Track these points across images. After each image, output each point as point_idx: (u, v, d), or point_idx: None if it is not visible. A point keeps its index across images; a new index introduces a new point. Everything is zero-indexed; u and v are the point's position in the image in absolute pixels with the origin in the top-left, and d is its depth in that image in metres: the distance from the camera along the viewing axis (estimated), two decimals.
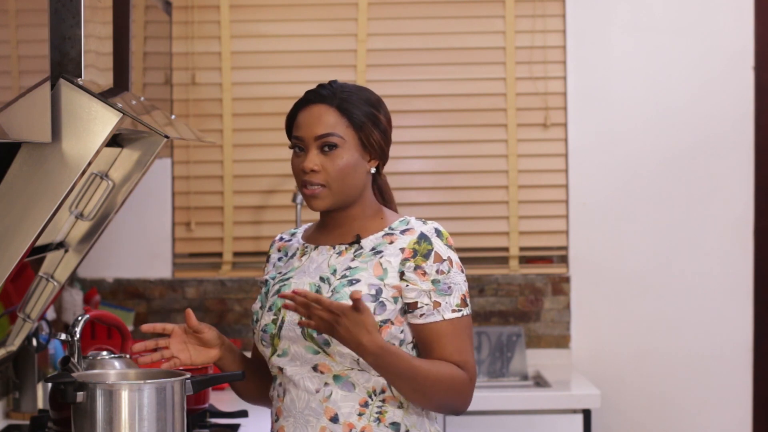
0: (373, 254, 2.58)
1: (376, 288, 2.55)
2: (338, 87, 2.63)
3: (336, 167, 2.58)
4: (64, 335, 3.02)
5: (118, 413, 2.53)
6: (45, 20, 2.59)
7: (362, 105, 2.61)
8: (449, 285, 2.56)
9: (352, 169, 2.59)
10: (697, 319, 4.78)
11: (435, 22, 4.83)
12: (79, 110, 2.58)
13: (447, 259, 2.56)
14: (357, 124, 2.59)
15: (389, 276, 2.55)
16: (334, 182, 2.58)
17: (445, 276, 2.56)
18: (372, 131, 2.61)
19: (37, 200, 2.60)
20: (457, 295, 2.57)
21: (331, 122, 2.59)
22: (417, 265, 2.55)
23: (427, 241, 2.56)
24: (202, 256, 4.88)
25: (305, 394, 2.58)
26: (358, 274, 2.57)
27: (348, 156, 2.58)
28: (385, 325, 2.54)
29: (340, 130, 2.58)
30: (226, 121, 4.82)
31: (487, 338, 4.68)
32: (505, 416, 4.27)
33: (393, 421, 2.56)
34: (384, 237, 2.60)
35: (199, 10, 4.81)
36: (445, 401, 2.56)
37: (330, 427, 2.55)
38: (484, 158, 4.83)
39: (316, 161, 2.58)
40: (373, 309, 2.53)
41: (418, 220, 2.63)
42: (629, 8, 4.80)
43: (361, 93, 2.64)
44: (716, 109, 4.78)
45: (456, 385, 2.54)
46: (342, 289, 2.55)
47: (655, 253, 4.79)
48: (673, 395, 4.78)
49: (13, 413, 3.71)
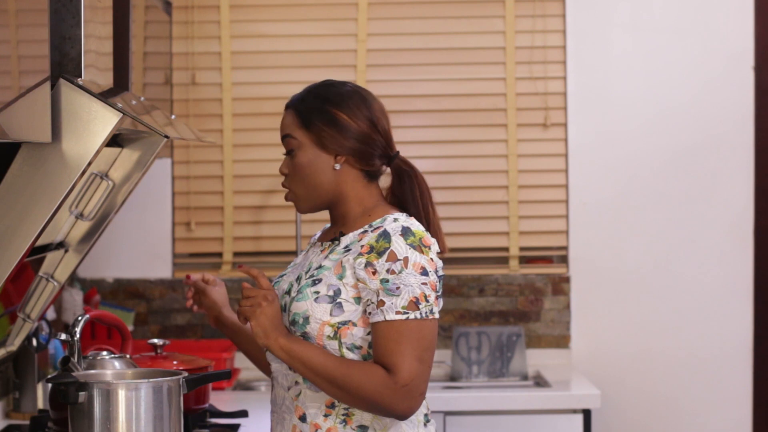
0: (343, 252, 2.56)
1: (334, 288, 2.52)
2: (308, 88, 2.64)
3: (294, 169, 2.60)
4: (64, 335, 3.01)
5: (115, 412, 2.54)
6: (45, 20, 2.59)
7: (316, 103, 2.59)
8: (398, 285, 2.47)
9: (310, 169, 2.58)
10: (697, 319, 4.78)
11: (435, 22, 4.83)
12: (79, 110, 2.58)
13: (402, 259, 2.48)
14: (306, 124, 2.59)
15: (347, 275, 2.52)
16: (294, 184, 2.61)
17: (396, 276, 2.48)
18: (323, 128, 2.57)
19: (37, 200, 2.60)
20: (406, 297, 2.47)
21: (287, 124, 2.62)
22: (368, 261, 2.50)
23: (387, 239, 2.51)
24: (202, 256, 4.88)
25: (282, 390, 2.60)
26: (322, 273, 2.55)
27: (302, 156, 2.59)
28: (345, 326, 2.51)
29: (294, 131, 2.60)
30: (226, 121, 4.82)
31: (487, 338, 4.68)
32: (505, 416, 4.27)
33: (360, 424, 2.53)
34: (360, 234, 2.57)
35: (199, 10, 4.81)
36: (368, 404, 2.48)
37: (299, 426, 2.55)
38: (484, 158, 4.83)
39: (285, 165, 2.63)
40: (330, 310, 2.51)
41: (394, 217, 2.58)
42: (629, 8, 4.80)
43: (323, 90, 2.62)
44: (716, 109, 4.78)
45: (372, 388, 2.46)
46: (305, 289, 2.54)
47: (655, 253, 4.79)
48: (673, 395, 4.78)
49: (13, 413, 3.71)
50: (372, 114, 2.62)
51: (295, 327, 2.54)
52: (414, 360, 2.46)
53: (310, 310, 2.52)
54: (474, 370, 4.66)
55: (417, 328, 2.48)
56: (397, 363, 2.46)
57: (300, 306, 2.54)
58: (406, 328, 2.47)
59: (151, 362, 3.28)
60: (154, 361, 3.29)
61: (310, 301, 2.52)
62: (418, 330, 2.48)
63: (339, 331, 2.51)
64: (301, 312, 2.53)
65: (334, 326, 2.51)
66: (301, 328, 2.53)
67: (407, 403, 2.47)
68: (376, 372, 2.46)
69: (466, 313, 4.80)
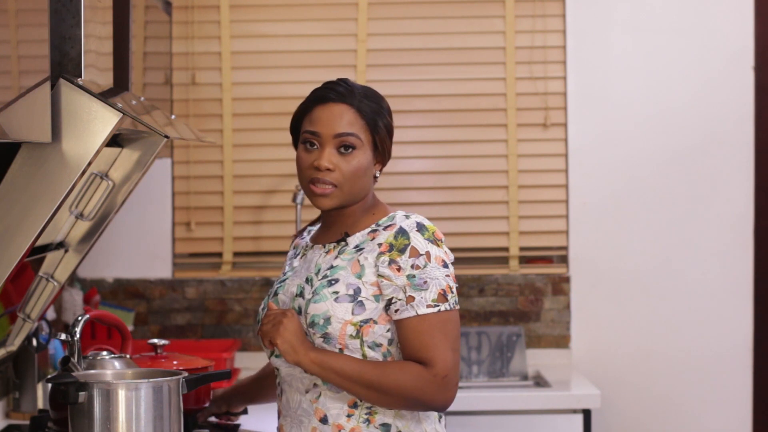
0: (355, 252, 2.56)
1: (354, 287, 2.53)
2: (355, 87, 2.61)
3: (350, 168, 2.56)
4: (64, 335, 3.01)
5: (115, 412, 2.54)
6: (45, 20, 2.59)
7: (378, 108, 2.60)
8: (425, 280, 2.50)
9: (364, 172, 2.58)
10: (697, 319, 4.78)
11: (435, 22, 4.83)
12: (79, 110, 2.58)
13: (424, 254, 2.51)
14: (374, 128, 2.58)
15: (366, 273, 2.53)
16: (346, 183, 2.57)
17: (421, 271, 2.50)
18: (385, 136, 2.61)
19: (37, 200, 2.60)
20: (434, 290, 2.51)
21: (351, 122, 2.57)
22: (392, 259, 2.51)
23: (405, 235, 2.53)
24: (202, 256, 4.88)
25: (297, 394, 2.59)
26: (338, 273, 2.55)
27: (362, 158, 2.57)
28: (367, 324, 2.52)
29: (359, 131, 2.57)
30: (226, 121, 4.82)
31: (487, 338, 4.68)
32: (505, 416, 4.27)
33: (383, 422, 2.55)
34: (369, 234, 2.58)
35: (199, 10, 4.81)
36: (408, 402, 2.50)
37: (320, 428, 2.55)
38: (484, 158, 4.83)
39: (333, 160, 2.56)
40: (351, 309, 2.51)
41: (404, 214, 2.59)
42: (629, 8, 4.80)
43: (376, 96, 2.63)
44: (716, 109, 4.78)
45: (411, 384, 2.48)
46: (322, 290, 2.54)
47: (655, 253, 4.79)
48: (673, 395, 4.78)
49: (13, 413, 3.71)
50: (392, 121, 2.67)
51: (315, 329, 2.53)
52: (448, 351, 2.50)
53: (331, 310, 2.52)
54: (474, 370, 4.66)
55: (448, 319, 2.52)
56: (434, 356, 2.49)
57: (319, 307, 2.53)
58: (439, 321, 2.50)
59: (151, 362, 3.28)
60: (154, 361, 3.28)
61: (330, 302, 2.52)
62: (448, 321, 2.52)
63: (361, 330, 2.52)
64: (321, 313, 2.52)
65: (356, 325, 2.52)
66: (321, 329, 2.52)
67: (447, 394, 2.51)
68: (413, 368, 2.49)
69: (466, 313, 4.80)
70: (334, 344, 2.52)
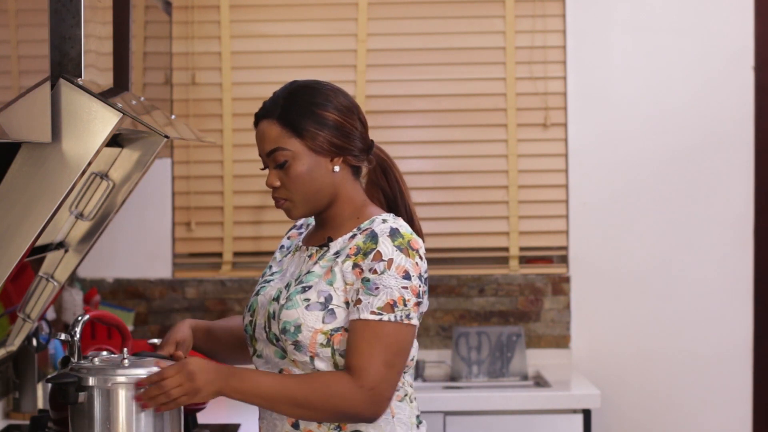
0: (334, 257, 2.52)
1: (325, 295, 2.48)
2: (281, 95, 2.56)
3: (292, 180, 2.52)
4: (64, 335, 3.01)
5: (115, 412, 2.54)
6: (45, 20, 2.59)
7: (302, 108, 2.53)
8: (378, 286, 2.43)
9: (309, 177, 2.52)
10: (697, 319, 4.79)
11: (435, 22, 4.83)
12: (79, 110, 2.58)
13: (387, 260, 2.44)
14: (299, 132, 2.51)
15: (337, 279, 2.48)
16: (296, 194, 2.53)
17: (377, 276, 2.44)
18: (317, 133, 2.51)
19: (37, 200, 2.60)
20: (384, 298, 2.43)
21: (274, 136, 2.53)
22: (355, 263, 2.47)
23: (374, 240, 2.47)
24: (202, 256, 4.88)
25: None
26: (312, 280, 2.51)
27: (299, 166, 2.51)
28: (338, 333, 2.47)
29: (285, 142, 2.52)
30: (226, 121, 4.82)
31: (487, 338, 4.68)
32: (505, 416, 4.27)
33: (356, 429, 2.50)
34: (349, 239, 2.53)
35: (199, 10, 4.81)
36: (336, 415, 2.43)
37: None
38: (484, 158, 4.84)
39: (275, 177, 2.53)
40: (322, 318, 2.47)
41: (383, 219, 2.53)
42: (629, 8, 4.80)
43: (304, 94, 2.55)
44: (716, 109, 4.78)
45: (338, 394, 2.41)
46: (295, 296, 2.50)
47: (655, 253, 4.79)
48: (673, 395, 4.78)
49: (13, 413, 3.71)
50: (350, 102, 2.58)
51: (286, 335, 2.49)
52: (381, 364, 2.42)
53: (301, 318, 2.47)
54: (474, 370, 4.66)
55: (390, 331, 2.43)
56: (364, 365, 2.41)
57: (291, 314, 2.49)
58: (380, 330, 2.42)
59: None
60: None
61: (300, 309, 2.48)
62: (390, 334, 2.43)
63: (332, 338, 2.47)
64: (293, 320, 2.48)
65: (326, 333, 2.47)
66: (292, 337, 2.48)
67: (375, 408, 2.42)
68: (339, 379, 2.42)
69: (466, 313, 4.80)
70: (305, 352, 2.47)
